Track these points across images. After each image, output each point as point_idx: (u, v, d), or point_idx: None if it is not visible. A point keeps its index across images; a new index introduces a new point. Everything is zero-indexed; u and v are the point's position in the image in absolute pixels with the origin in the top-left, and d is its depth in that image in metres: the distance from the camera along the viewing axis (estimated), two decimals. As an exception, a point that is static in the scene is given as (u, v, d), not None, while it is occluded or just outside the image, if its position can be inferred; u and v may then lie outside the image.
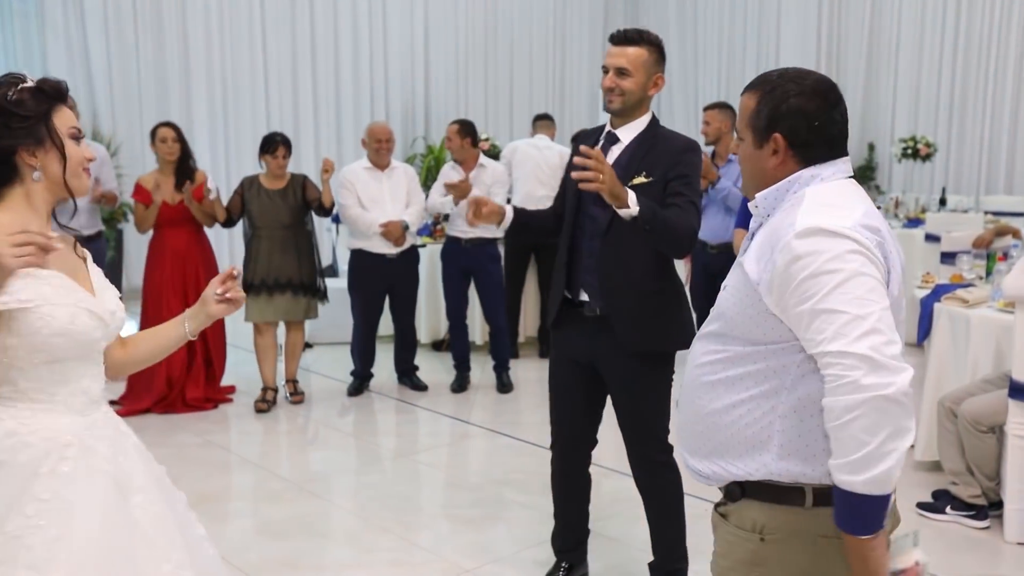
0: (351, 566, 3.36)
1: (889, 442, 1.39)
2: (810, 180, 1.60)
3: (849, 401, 1.39)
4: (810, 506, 1.55)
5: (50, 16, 8.14)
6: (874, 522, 1.44)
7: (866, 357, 1.39)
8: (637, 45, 2.77)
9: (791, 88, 1.62)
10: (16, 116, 1.71)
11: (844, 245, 1.45)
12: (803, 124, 1.60)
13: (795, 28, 10.81)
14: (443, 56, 10.77)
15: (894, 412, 1.39)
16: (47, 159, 1.74)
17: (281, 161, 5.18)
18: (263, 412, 5.21)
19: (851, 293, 1.42)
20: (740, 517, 1.62)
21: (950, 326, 4.15)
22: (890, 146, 9.79)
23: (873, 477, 1.40)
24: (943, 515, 3.73)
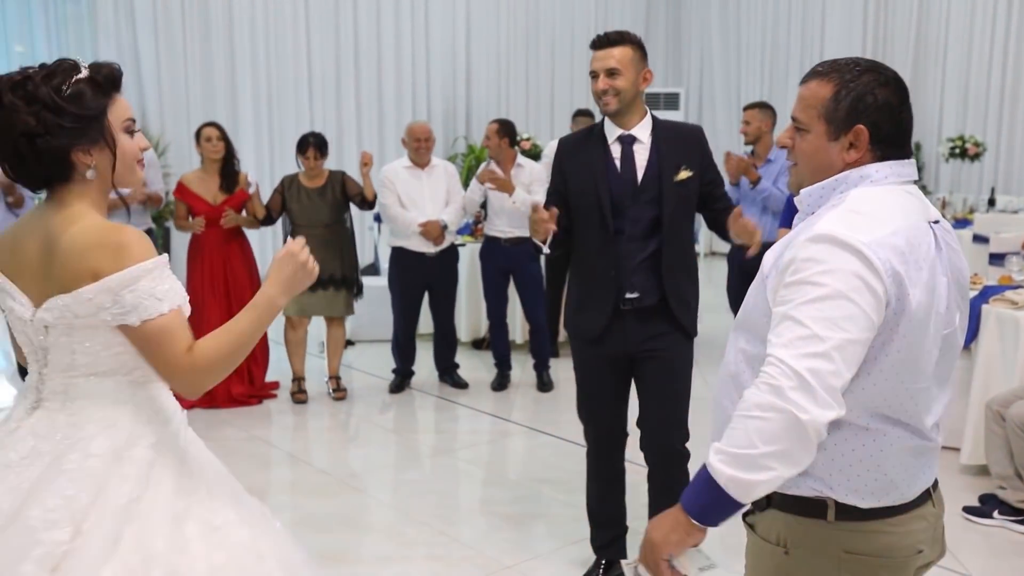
0: (391, 560, 3.40)
1: (774, 459, 1.36)
2: (859, 181, 1.52)
3: (765, 401, 1.36)
4: (833, 520, 1.51)
5: (102, 19, 8.33)
6: (712, 517, 1.43)
7: (802, 377, 1.35)
8: (620, 45, 2.83)
9: (875, 79, 1.52)
10: (71, 115, 1.62)
11: (848, 261, 1.39)
12: (888, 117, 1.52)
13: (840, 26, 10.67)
14: (484, 56, 10.81)
15: (796, 437, 1.35)
16: (101, 157, 1.68)
17: (312, 163, 5.25)
18: (302, 403, 5.29)
19: (824, 312, 1.37)
20: (766, 528, 1.58)
21: (998, 328, 4.08)
22: (937, 145, 9.62)
23: (742, 480, 1.37)
24: (990, 520, 3.67)
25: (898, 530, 1.52)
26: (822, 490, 1.50)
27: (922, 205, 1.55)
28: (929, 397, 1.53)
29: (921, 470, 1.56)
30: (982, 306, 4.21)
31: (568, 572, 3.29)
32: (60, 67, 1.64)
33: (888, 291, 1.40)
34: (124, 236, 1.64)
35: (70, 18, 8.30)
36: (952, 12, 9.79)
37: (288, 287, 1.74)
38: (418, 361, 5.77)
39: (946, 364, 1.58)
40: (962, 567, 3.33)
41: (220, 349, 1.66)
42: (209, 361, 1.65)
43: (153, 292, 1.62)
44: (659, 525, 1.48)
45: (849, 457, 1.49)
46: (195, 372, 1.65)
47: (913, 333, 1.44)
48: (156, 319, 1.62)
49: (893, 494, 1.51)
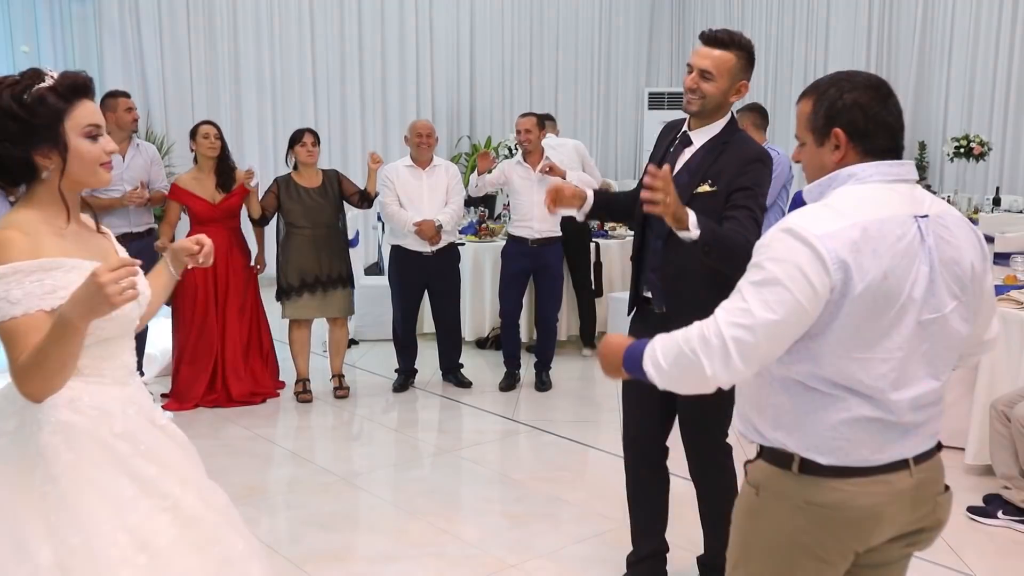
0: (394, 559, 3.40)
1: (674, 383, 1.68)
2: (847, 179, 1.68)
3: (694, 345, 1.62)
4: (796, 472, 1.68)
5: (107, 18, 8.37)
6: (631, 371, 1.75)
7: (725, 343, 1.59)
8: (726, 48, 2.67)
9: (844, 85, 1.71)
10: (25, 121, 1.71)
11: (797, 253, 1.58)
12: (860, 115, 1.68)
13: (845, 26, 10.64)
14: (488, 56, 10.81)
15: (695, 380, 1.64)
16: (57, 160, 1.76)
17: (310, 148, 5.22)
18: (307, 402, 5.29)
19: (762, 293, 1.59)
20: (752, 473, 1.79)
21: (1003, 328, 4.07)
22: (942, 145, 9.59)
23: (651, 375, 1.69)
24: (994, 520, 3.67)
25: (855, 489, 1.66)
26: (789, 445, 1.69)
27: (909, 201, 1.67)
28: (900, 375, 1.65)
29: (892, 442, 1.68)
30: (987, 306, 4.20)
31: (572, 571, 3.28)
32: (25, 76, 1.75)
33: (832, 278, 1.57)
34: (3, 237, 1.70)
35: (75, 18, 8.32)
36: (957, 12, 9.77)
37: (82, 306, 1.61)
38: (422, 360, 5.77)
39: (936, 350, 1.69)
40: (966, 567, 3.32)
41: (26, 360, 1.66)
42: (22, 370, 1.66)
43: (6, 295, 1.66)
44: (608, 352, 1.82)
45: (812, 418, 1.67)
46: (19, 378, 1.68)
47: (859, 311, 1.59)
48: (6, 322, 1.67)
49: (852, 456, 1.66)
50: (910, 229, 1.63)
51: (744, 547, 1.78)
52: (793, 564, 1.70)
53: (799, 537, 1.68)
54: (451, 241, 5.54)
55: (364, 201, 5.35)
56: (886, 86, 1.72)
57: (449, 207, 5.46)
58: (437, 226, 5.34)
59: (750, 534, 1.77)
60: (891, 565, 1.82)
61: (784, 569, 1.72)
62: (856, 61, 10.56)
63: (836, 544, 1.68)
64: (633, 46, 12.07)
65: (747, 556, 1.77)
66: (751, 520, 1.77)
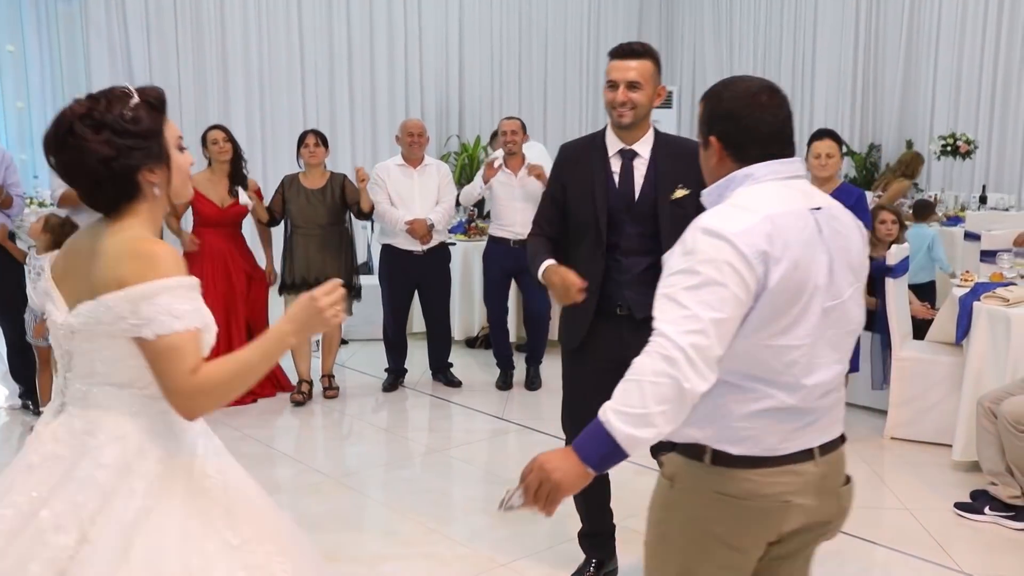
0: (386, 558, 3.40)
1: (661, 418, 1.57)
2: (744, 180, 1.75)
3: (659, 368, 1.57)
4: (708, 463, 1.73)
5: (93, 17, 8.31)
6: (606, 466, 1.62)
7: (686, 352, 1.57)
8: (643, 58, 2.78)
9: (725, 93, 1.77)
10: (135, 136, 1.71)
11: (721, 250, 1.61)
12: (733, 126, 1.75)
13: (832, 26, 10.69)
14: (478, 55, 10.81)
15: (679, 400, 1.57)
16: (161, 174, 1.77)
17: (313, 149, 5.24)
18: (300, 405, 5.29)
19: (698, 293, 1.60)
20: (667, 466, 1.82)
21: (990, 325, 4.10)
22: (929, 143, 9.65)
23: (635, 435, 1.57)
24: (981, 516, 3.69)
25: (763, 479, 1.71)
26: (700, 438, 1.73)
27: (803, 195, 1.76)
28: (810, 360, 1.71)
29: (798, 431, 1.74)
30: (973, 303, 4.23)
31: (562, 570, 3.29)
32: (114, 94, 1.73)
33: (756, 270, 1.62)
34: (155, 249, 1.69)
35: (61, 16, 8.27)
36: (943, 11, 9.83)
37: (302, 328, 1.75)
38: (412, 360, 5.77)
39: (838, 335, 1.76)
40: (954, 563, 3.35)
41: (223, 375, 1.67)
42: (211, 384, 1.66)
43: (171, 309, 1.64)
44: (563, 469, 1.64)
45: (723, 410, 1.70)
46: (194, 394, 1.66)
47: (774, 301, 1.65)
48: (169, 336, 1.64)
49: (761, 445, 1.71)
50: (809, 222, 1.71)
51: (661, 537, 1.83)
52: (707, 553, 1.75)
53: (712, 527, 1.73)
54: (442, 240, 5.54)
55: (361, 214, 5.35)
56: (769, 94, 1.75)
57: (440, 206, 5.46)
58: (429, 225, 5.34)
59: (666, 525, 1.82)
60: (800, 554, 1.88)
61: (699, 558, 1.76)
62: (843, 60, 10.62)
63: (747, 534, 1.73)
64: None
65: (664, 546, 1.82)
66: (666, 511, 1.81)
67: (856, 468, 4.48)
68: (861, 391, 5.00)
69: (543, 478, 1.66)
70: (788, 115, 1.78)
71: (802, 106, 11.04)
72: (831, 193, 4.47)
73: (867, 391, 4.98)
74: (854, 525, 3.65)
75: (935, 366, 4.55)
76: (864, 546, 3.51)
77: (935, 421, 4.52)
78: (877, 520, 3.80)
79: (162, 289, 1.64)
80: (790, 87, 11.10)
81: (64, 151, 1.71)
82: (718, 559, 1.75)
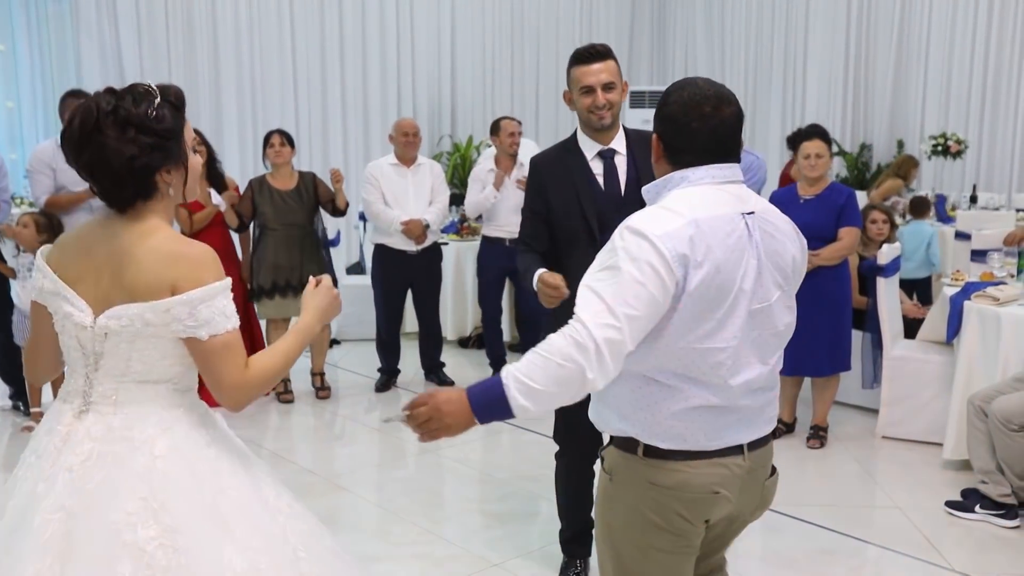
0: (377, 559, 3.40)
1: (552, 399, 1.67)
2: (680, 182, 1.81)
3: (568, 353, 1.64)
4: (641, 456, 1.81)
5: (84, 17, 8.27)
6: (489, 420, 1.72)
7: (598, 345, 1.63)
8: (607, 59, 2.86)
9: (672, 96, 1.83)
10: (158, 135, 1.72)
11: (644, 251, 1.68)
12: (672, 130, 1.82)
13: (823, 26, 10.71)
14: (470, 55, 10.79)
15: (577, 388, 1.66)
16: (177, 175, 1.80)
17: (279, 149, 5.20)
18: (288, 403, 5.27)
19: (617, 289, 1.66)
20: (607, 460, 1.92)
21: (980, 324, 4.11)
22: (919, 143, 9.68)
23: (525, 407, 1.66)
24: (972, 514, 3.71)
25: (693, 471, 1.80)
26: (632, 433, 1.81)
27: (736, 199, 1.81)
28: (735, 362, 1.77)
29: (726, 428, 1.81)
30: (964, 302, 4.25)
31: (553, 570, 3.29)
32: (138, 92, 1.74)
33: (675, 273, 1.68)
34: (199, 251, 1.75)
35: (51, 16, 8.23)
36: (934, 11, 9.86)
37: (323, 315, 1.96)
38: (404, 360, 5.76)
39: (763, 337, 1.83)
40: (944, 561, 3.36)
41: (271, 367, 1.81)
42: (263, 378, 1.80)
43: (224, 310, 1.74)
44: (455, 414, 1.72)
45: (653, 408, 1.78)
46: (248, 387, 1.78)
47: (697, 304, 1.71)
48: (223, 335, 1.73)
49: (690, 441, 1.79)
50: (738, 225, 1.77)
51: (607, 528, 1.92)
52: (649, 539, 1.84)
53: (649, 515, 1.82)
54: (434, 240, 5.54)
55: (336, 211, 5.32)
56: (712, 103, 1.78)
57: (435, 206, 5.46)
58: (424, 225, 5.33)
59: (610, 516, 1.90)
60: (730, 535, 2.01)
61: (643, 545, 1.85)
62: (834, 60, 10.64)
63: (681, 520, 1.82)
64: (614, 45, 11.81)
65: (610, 536, 1.91)
66: (609, 504, 1.90)
67: (847, 467, 4.52)
68: (852, 390, 5.01)
69: (435, 416, 1.74)
70: (732, 125, 1.81)
71: (793, 106, 11.06)
72: (821, 192, 4.49)
73: (858, 390, 5.00)
74: (845, 524, 3.67)
75: (926, 365, 4.56)
76: (855, 544, 3.52)
77: (926, 420, 4.54)
78: (868, 519, 3.81)
79: (219, 291, 1.73)
80: (781, 86, 11.13)
81: (88, 148, 1.70)
82: (660, 544, 1.84)
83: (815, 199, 4.46)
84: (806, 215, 4.42)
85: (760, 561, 3.42)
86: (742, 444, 1.83)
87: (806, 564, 3.37)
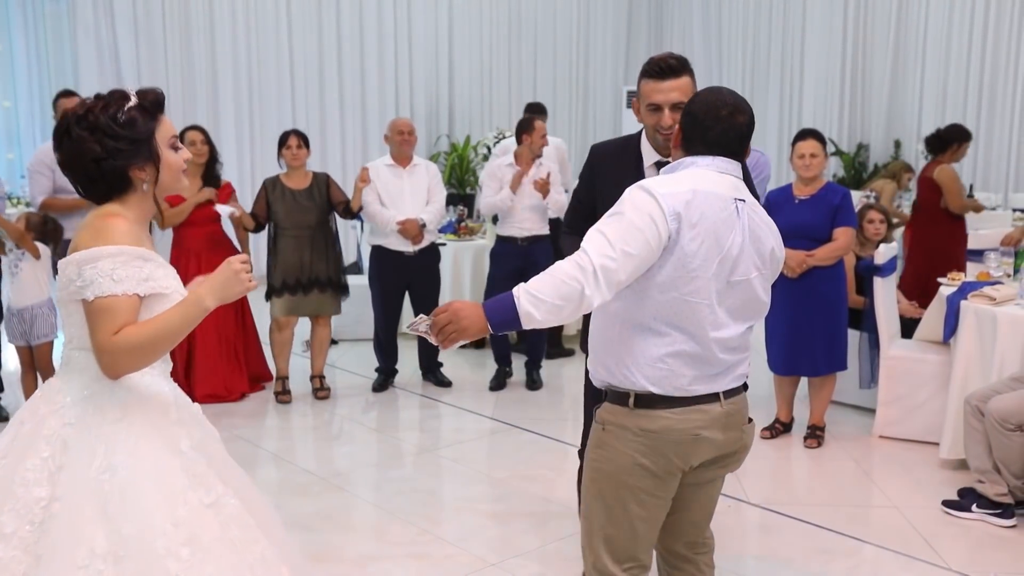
0: (376, 559, 3.40)
1: (554, 310, 1.94)
2: (689, 165, 2.13)
3: (572, 274, 1.95)
4: (632, 407, 2.10)
5: (81, 17, 8.27)
6: (502, 329, 1.98)
7: (595, 269, 1.94)
8: (681, 75, 2.62)
9: (699, 98, 2.18)
10: (127, 138, 1.87)
11: (646, 203, 1.99)
12: (690, 123, 2.15)
13: (820, 26, 10.73)
14: (467, 55, 10.80)
15: (575, 302, 1.95)
16: (151, 172, 1.94)
17: (296, 151, 5.20)
18: (286, 403, 5.27)
19: (618, 230, 1.98)
20: (600, 414, 2.18)
21: (977, 324, 4.12)
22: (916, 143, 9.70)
23: (532, 316, 1.94)
24: (969, 513, 3.71)
25: (676, 416, 2.08)
26: (631, 381, 2.09)
27: (732, 188, 2.10)
28: (714, 317, 2.07)
29: (705, 378, 2.10)
30: (960, 302, 4.25)
31: (553, 570, 3.30)
32: (113, 97, 1.91)
33: (670, 226, 1.99)
34: (108, 221, 1.87)
35: (48, 16, 8.24)
36: (931, 11, 9.88)
37: (218, 292, 1.90)
38: (402, 360, 5.76)
39: (739, 304, 2.11)
40: (941, 560, 3.37)
41: (141, 336, 1.82)
42: (129, 345, 1.81)
43: (111, 273, 1.81)
44: (471, 318, 1.98)
45: (647, 354, 2.07)
46: (115, 352, 1.81)
47: (687, 259, 2.01)
48: (105, 297, 1.80)
49: (674, 384, 2.07)
50: (730, 205, 2.07)
51: (595, 472, 2.18)
52: (634, 478, 2.11)
53: (637, 458, 2.10)
54: (432, 241, 5.54)
55: (348, 213, 5.33)
56: (728, 108, 2.11)
57: (431, 206, 5.45)
58: (421, 225, 5.33)
59: (600, 461, 2.17)
60: (711, 484, 2.27)
61: (628, 485, 2.12)
62: (831, 60, 10.66)
63: (665, 462, 2.10)
64: (611, 45, 12.10)
65: (598, 479, 2.17)
66: (600, 450, 2.17)
67: (844, 466, 4.54)
68: (849, 390, 5.02)
69: (453, 320, 1.99)
70: (741, 130, 2.12)
71: (791, 106, 11.08)
72: (816, 192, 4.49)
73: (855, 390, 5.01)
74: (842, 523, 3.68)
75: (923, 365, 4.57)
76: (852, 544, 3.53)
77: (923, 419, 4.55)
78: (865, 518, 3.81)
79: (105, 254, 1.81)
80: (778, 87, 11.14)
81: (62, 148, 1.90)
82: (643, 485, 2.11)
83: (810, 199, 4.47)
84: (801, 215, 4.43)
85: (757, 560, 3.42)
86: (718, 392, 2.12)
87: (803, 563, 3.38)
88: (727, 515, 3.74)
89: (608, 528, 2.17)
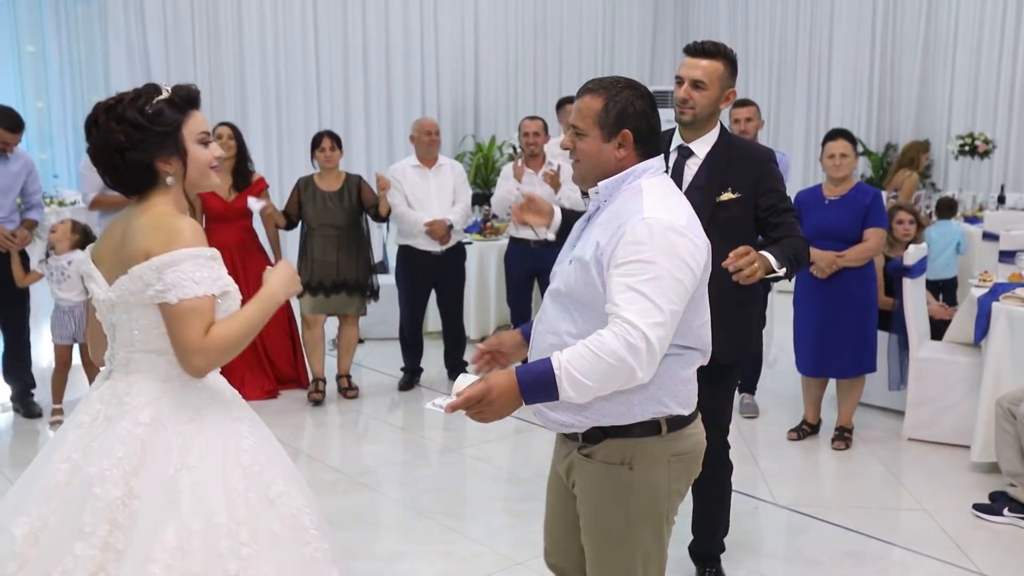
0: (402, 556, 3.42)
1: (595, 394, 1.79)
2: (643, 172, 1.97)
3: (620, 353, 1.74)
4: (665, 433, 1.96)
5: (112, 19, 8.38)
6: (535, 402, 1.83)
7: (651, 344, 1.75)
8: (713, 58, 2.76)
9: (632, 94, 1.96)
10: (152, 131, 1.89)
11: (676, 244, 1.82)
12: (645, 123, 1.96)
13: (848, 25, 10.64)
14: (493, 55, 10.82)
15: (622, 384, 1.78)
16: (177, 165, 1.95)
17: (328, 153, 5.24)
18: (318, 403, 5.31)
19: (662, 288, 1.78)
20: (608, 454, 1.97)
21: (1008, 326, 4.08)
22: (946, 143, 9.59)
23: (570, 397, 1.77)
24: (1000, 517, 3.68)
25: (696, 430, 2.04)
26: (660, 410, 1.95)
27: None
28: (708, 329, 2.03)
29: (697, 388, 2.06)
30: (992, 304, 4.21)
31: (578, 569, 3.30)
32: (144, 90, 1.93)
33: (706, 259, 1.89)
34: (177, 222, 1.89)
35: (80, 18, 8.35)
36: (961, 10, 9.76)
37: (286, 286, 2.02)
38: (427, 359, 5.79)
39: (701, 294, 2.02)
40: (973, 564, 3.33)
41: (231, 333, 1.88)
42: (223, 342, 1.86)
43: (193, 275, 1.83)
44: (504, 402, 1.79)
45: (675, 378, 1.96)
46: (207, 351, 1.84)
47: (699, 285, 1.92)
48: (190, 300, 1.83)
49: (692, 401, 2.02)
50: None
51: (626, 518, 1.99)
52: (670, 509, 2.02)
53: (672, 485, 2.00)
54: (458, 240, 5.55)
55: (378, 217, 5.36)
56: (654, 100, 2.02)
57: (458, 206, 5.47)
58: (448, 225, 5.35)
59: (632, 505, 1.98)
60: None
61: (666, 517, 2.02)
62: (860, 58, 10.56)
63: (688, 479, 2.05)
64: (636, 44, 12.08)
65: (631, 525, 1.99)
66: (629, 494, 1.97)
67: (873, 468, 4.49)
68: (878, 391, 4.98)
69: (487, 403, 1.78)
70: None
71: (818, 105, 11.00)
72: (847, 193, 4.44)
73: (884, 392, 4.96)
74: (871, 525, 3.65)
75: (953, 367, 4.52)
76: (881, 547, 3.50)
77: (953, 422, 4.50)
78: (894, 521, 3.78)
79: (186, 257, 1.83)
80: (806, 86, 11.05)
81: (90, 137, 1.93)
82: (673, 507, 2.03)
83: (840, 200, 4.43)
84: (831, 216, 4.40)
85: (785, 562, 3.41)
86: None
87: (831, 566, 3.36)
88: (754, 516, 3.72)
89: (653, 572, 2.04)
